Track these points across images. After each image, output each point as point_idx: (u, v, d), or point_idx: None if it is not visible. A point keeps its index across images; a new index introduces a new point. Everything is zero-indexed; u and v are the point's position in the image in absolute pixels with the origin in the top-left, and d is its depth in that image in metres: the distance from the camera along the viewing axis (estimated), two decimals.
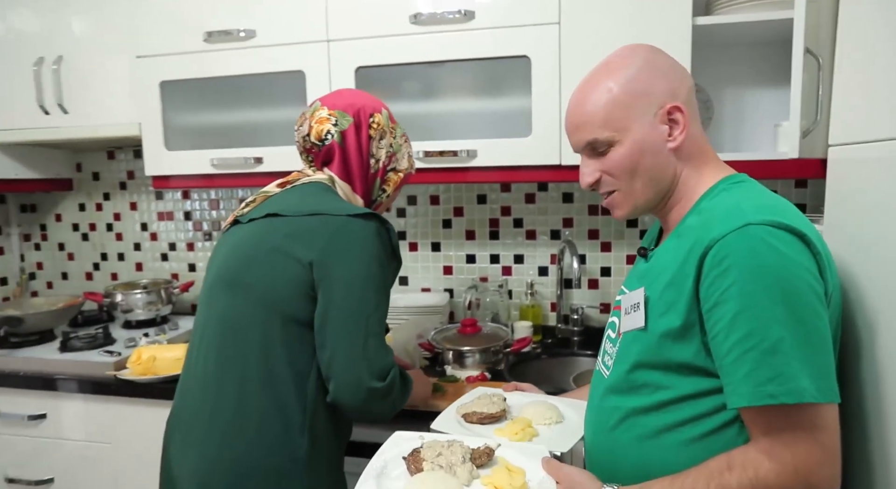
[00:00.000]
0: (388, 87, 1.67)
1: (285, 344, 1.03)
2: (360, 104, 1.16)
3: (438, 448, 0.92)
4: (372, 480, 0.88)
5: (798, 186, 1.74)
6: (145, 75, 1.76)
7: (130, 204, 2.28)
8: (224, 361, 1.05)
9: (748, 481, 0.72)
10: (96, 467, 1.68)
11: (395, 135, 1.20)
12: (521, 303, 1.93)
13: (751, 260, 0.72)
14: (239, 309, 1.05)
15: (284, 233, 1.05)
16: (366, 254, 1.03)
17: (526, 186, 1.92)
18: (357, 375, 1.00)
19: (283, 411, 1.02)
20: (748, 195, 0.82)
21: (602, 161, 0.89)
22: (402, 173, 1.22)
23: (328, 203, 1.08)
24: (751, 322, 0.72)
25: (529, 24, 1.50)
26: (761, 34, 1.52)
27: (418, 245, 2.03)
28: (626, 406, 0.87)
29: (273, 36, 1.66)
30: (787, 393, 0.70)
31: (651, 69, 0.86)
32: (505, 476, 0.86)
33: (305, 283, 1.03)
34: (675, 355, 0.81)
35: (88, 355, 1.73)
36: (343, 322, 1.01)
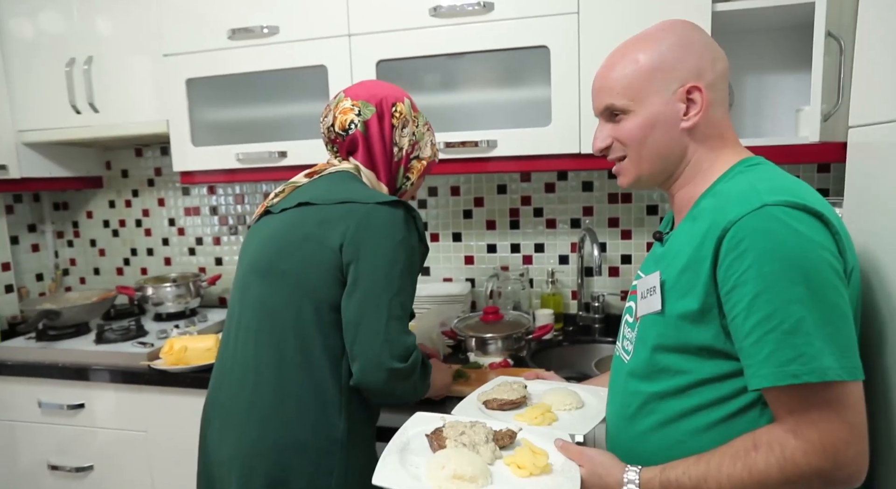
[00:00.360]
0: (408, 79, 1.69)
1: (319, 328, 1.06)
2: (382, 94, 1.19)
3: (461, 427, 0.94)
4: (395, 454, 0.91)
5: (820, 171, 1.73)
6: (171, 73, 1.81)
7: (158, 200, 2.33)
8: (262, 346, 1.08)
9: (775, 460, 0.72)
10: (133, 454, 1.74)
11: (417, 123, 1.22)
12: (542, 292, 1.95)
13: (768, 241, 0.72)
14: (274, 295, 1.08)
15: (316, 220, 1.09)
16: (392, 239, 1.06)
17: (546, 175, 1.94)
18: (379, 356, 1.03)
19: (320, 393, 1.06)
20: (763, 176, 0.82)
21: (615, 128, 0.91)
22: (425, 161, 1.24)
23: (356, 191, 1.11)
24: (771, 303, 0.71)
25: (548, 15, 1.51)
26: (781, 19, 1.51)
27: (440, 236, 2.05)
28: (646, 391, 0.88)
29: (295, 32, 1.69)
30: (810, 372, 0.70)
31: (683, 46, 0.87)
32: (529, 456, 0.87)
33: (336, 268, 1.06)
34: (693, 338, 0.81)
35: (122, 346, 1.79)
36: (366, 303, 1.04)
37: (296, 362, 1.06)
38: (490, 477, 0.85)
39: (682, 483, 0.77)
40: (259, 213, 1.21)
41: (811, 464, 0.71)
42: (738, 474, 0.74)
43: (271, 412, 1.06)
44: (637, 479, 0.81)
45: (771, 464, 0.72)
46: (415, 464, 0.89)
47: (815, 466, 0.71)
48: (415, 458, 0.91)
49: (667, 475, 0.79)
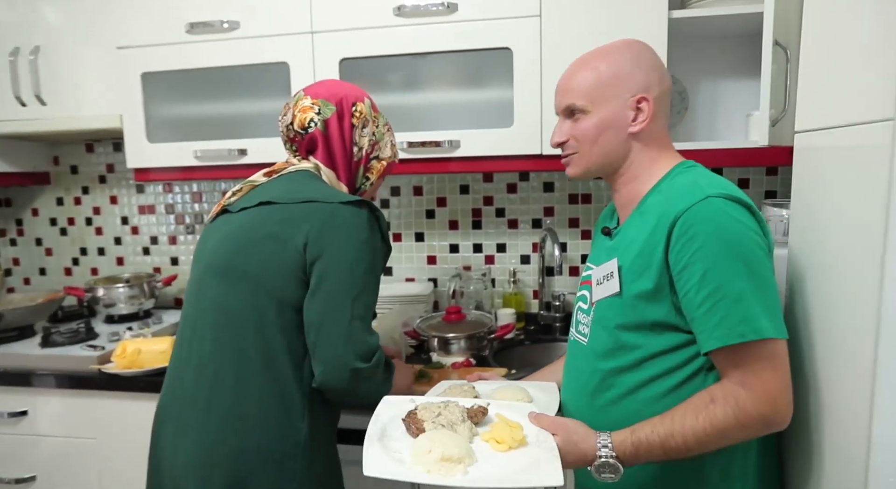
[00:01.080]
0: (372, 78, 1.69)
1: (282, 329, 1.04)
2: (342, 93, 1.18)
3: (435, 409, 0.95)
4: (376, 443, 0.90)
5: (769, 174, 1.81)
6: (126, 66, 1.75)
7: (110, 197, 2.25)
8: (220, 348, 1.05)
9: (731, 409, 0.83)
10: (80, 463, 1.67)
11: (377, 123, 1.22)
12: (503, 292, 1.97)
13: (712, 226, 0.85)
14: (234, 296, 1.06)
15: (278, 219, 1.07)
16: (356, 238, 1.05)
17: (508, 176, 1.96)
18: (342, 356, 1.02)
19: (283, 396, 1.03)
20: (702, 175, 0.95)
21: (573, 126, 1.01)
22: (385, 162, 1.24)
23: (319, 190, 1.09)
24: (719, 277, 0.84)
25: (511, 17, 1.53)
26: (733, 27, 1.57)
27: (402, 235, 2.05)
28: (605, 367, 0.97)
29: (257, 27, 1.66)
30: (753, 331, 0.83)
31: (637, 62, 0.99)
32: (506, 430, 0.89)
33: (299, 268, 1.04)
34: (648, 315, 0.92)
35: (71, 350, 1.71)
36: (330, 303, 1.03)
37: (258, 364, 1.03)
38: (474, 454, 0.86)
39: (651, 440, 0.86)
40: (215, 211, 1.18)
41: (758, 409, 0.83)
42: (701, 425, 0.84)
43: (230, 415, 1.03)
44: (610, 442, 0.87)
45: (728, 413, 0.83)
46: (397, 450, 0.89)
47: (761, 411, 0.83)
48: (395, 444, 0.90)
49: (637, 435, 0.87)
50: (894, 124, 0.68)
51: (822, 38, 0.95)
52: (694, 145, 1.52)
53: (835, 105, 0.88)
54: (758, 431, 0.86)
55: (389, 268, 2.07)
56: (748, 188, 1.82)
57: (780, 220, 1.24)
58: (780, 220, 1.24)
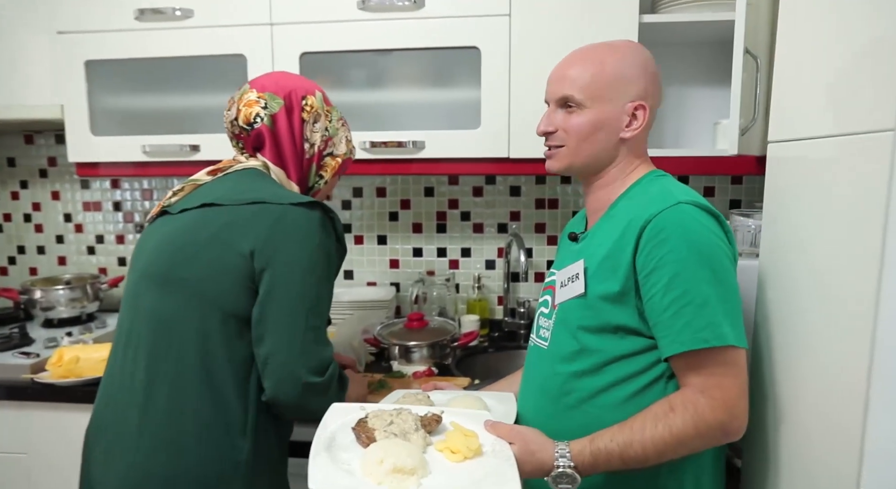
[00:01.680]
0: (334, 74, 1.62)
1: (225, 341, 0.97)
2: (291, 86, 1.11)
3: (387, 417, 0.89)
4: (323, 453, 0.83)
5: (734, 183, 1.81)
6: (68, 53, 1.64)
7: (52, 193, 2.11)
8: (156, 362, 0.98)
9: (690, 417, 0.83)
10: (9, 480, 1.55)
11: (330, 118, 1.14)
12: (468, 297, 1.92)
13: (682, 231, 0.85)
14: (172, 305, 0.98)
15: (222, 222, 0.99)
16: (309, 243, 0.99)
17: (474, 179, 1.91)
18: (294, 370, 0.96)
19: (223, 413, 0.96)
20: (673, 183, 0.96)
21: (566, 118, 0.98)
22: (339, 158, 1.16)
23: (267, 190, 1.02)
24: (686, 282, 0.84)
25: (480, 15, 1.49)
26: (703, 34, 1.56)
27: (364, 238, 1.98)
28: (565, 371, 0.95)
29: (212, 16, 1.57)
30: (716, 337, 0.83)
31: (642, 68, 0.97)
32: (461, 439, 0.85)
33: (245, 275, 0.97)
34: (612, 318, 0.91)
35: (1, 357, 1.58)
36: (282, 314, 0.96)
37: (196, 378, 0.96)
38: (427, 465, 0.82)
39: (610, 449, 0.84)
40: (155, 213, 1.09)
41: (717, 418, 0.83)
42: (661, 434, 0.83)
43: (164, 435, 0.95)
44: (568, 451, 0.85)
45: (687, 421, 0.83)
46: (346, 461, 0.83)
47: (720, 419, 0.83)
48: (344, 455, 0.84)
49: (596, 444, 0.85)
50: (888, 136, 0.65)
51: (797, 48, 0.93)
52: (661, 152, 1.50)
53: (811, 116, 0.86)
54: (716, 440, 0.85)
55: (350, 271, 2.00)
56: (713, 196, 1.82)
57: (747, 230, 1.23)
58: (748, 230, 1.22)
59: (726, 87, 1.23)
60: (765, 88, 1.26)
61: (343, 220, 1.98)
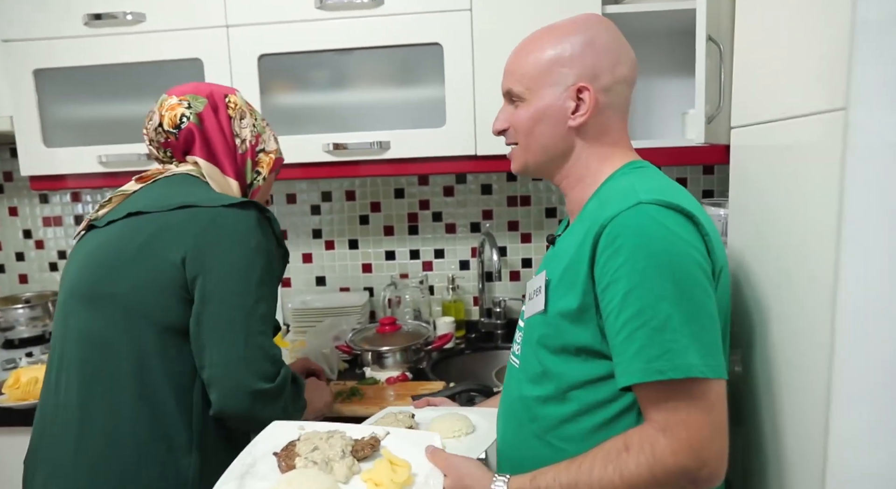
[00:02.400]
0: (294, 76, 1.58)
1: (161, 355, 0.92)
2: (210, 88, 1.09)
3: (315, 441, 0.83)
4: (234, 481, 0.78)
5: (706, 173, 1.80)
6: (15, 62, 1.57)
7: (9, 209, 2.04)
8: (89, 383, 0.93)
9: (645, 460, 0.70)
10: None
11: (255, 116, 1.12)
12: (443, 299, 1.88)
13: (640, 238, 0.72)
14: (101, 323, 0.94)
15: (150, 231, 0.94)
16: (244, 245, 0.94)
17: (444, 179, 1.88)
18: (239, 378, 0.91)
19: (164, 431, 0.92)
20: (643, 178, 0.82)
21: (512, 113, 0.90)
22: (272, 155, 1.13)
23: (198, 193, 0.98)
24: (641, 299, 0.71)
25: (441, 11, 1.46)
26: (668, 24, 1.55)
27: (335, 243, 1.94)
28: (530, 395, 0.86)
29: (165, 20, 1.53)
30: (675, 368, 0.69)
31: (586, 45, 0.85)
32: (387, 470, 0.78)
33: (178, 285, 0.92)
34: (572, 338, 0.79)
35: None
36: (220, 321, 0.92)
37: (132, 398, 0.91)
38: None
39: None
40: (82, 228, 1.04)
41: (678, 462, 0.70)
42: (609, 477, 0.72)
43: (102, 459, 0.91)
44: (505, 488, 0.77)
45: (641, 464, 0.70)
46: None
47: (682, 465, 0.70)
48: (259, 484, 0.79)
49: (536, 482, 0.76)
50: (837, 115, 0.63)
51: (755, 31, 0.91)
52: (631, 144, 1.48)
53: (770, 99, 0.84)
54: (682, 487, 0.72)
55: (322, 277, 1.95)
56: (686, 187, 1.80)
57: (718, 219, 1.21)
58: (719, 220, 1.20)
59: (693, 76, 1.21)
60: (729, 76, 1.24)
61: (313, 225, 1.94)
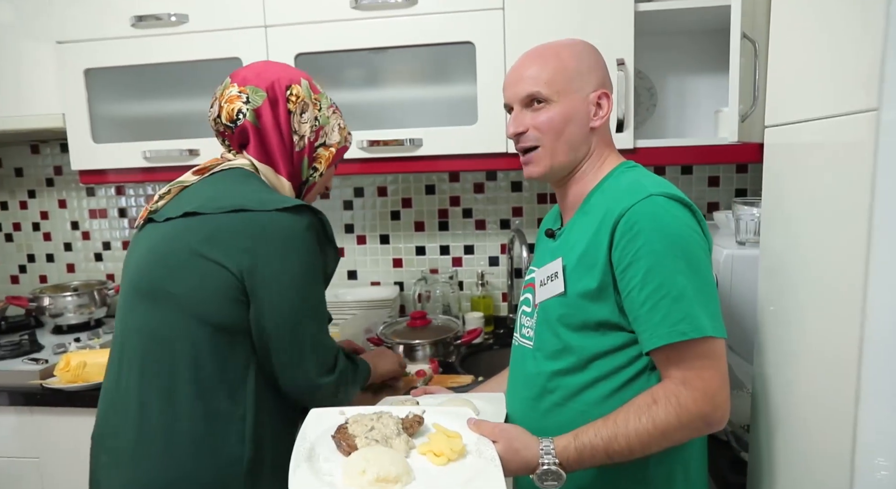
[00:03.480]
0: (329, 74, 1.62)
1: (215, 354, 0.95)
2: (274, 77, 1.04)
3: (368, 422, 0.87)
4: (304, 464, 0.81)
5: (739, 172, 1.78)
6: (68, 63, 1.65)
7: (59, 201, 2.14)
8: (148, 379, 0.96)
9: (673, 408, 0.82)
10: (23, 483, 1.57)
11: (319, 106, 1.07)
12: (471, 295, 1.91)
13: (656, 224, 0.85)
14: (161, 320, 0.96)
15: (204, 234, 0.95)
16: (297, 250, 0.95)
17: (474, 175, 1.90)
18: (305, 378, 0.97)
19: (217, 423, 0.95)
20: (644, 175, 0.95)
21: (535, 116, 0.95)
22: (333, 148, 1.10)
23: (250, 195, 0.97)
24: (661, 275, 0.83)
25: (473, 10, 1.48)
26: (701, 21, 1.54)
27: (367, 238, 1.98)
28: (549, 370, 0.95)
29: (207, 21, 1.58)
30: (694, 329, 0.82)
31: (595, 59, 0.99)
32: (444, 441, 0.83)
33: (235, 289, 0.94)
34: (593, 314, 0.90)
35: (11, 364, 1.62)
36: (281, 329, 0.95)
37: (188, 394, 0.94)
38: (412, 472, 0.79)
39: (594, 444, 0.84)
40: (141, 219, 1.04)
41: (699, 408, 0.82)
42: (644, 427, 0.83)
43: (161, 451, 0.94)
44: (553, 448, 0.84)
45: (670, 413, 0.82)
46: (328, 472, 0.80)
47: (702, 410, 0.83)
48: (325, 465, 0.82)
49: (580, 440, 0.84)
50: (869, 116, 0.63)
51: (790, 29, 0.91)
52: (663, 142, 1.48)
53: (804, 98, 0.84)
54: (698, 430, 0.85)
55: (353, 271, 2.00)
56: (718, 186, 1.79)
57: (751, 218, 1.20)
58: (752, 219, 1.20)
59: (726, 74, 1.21)
60: (763, 73, 1.23)
61: (345, 220, 1.98)
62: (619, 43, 1.42)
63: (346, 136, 1.14)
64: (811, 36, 0.83)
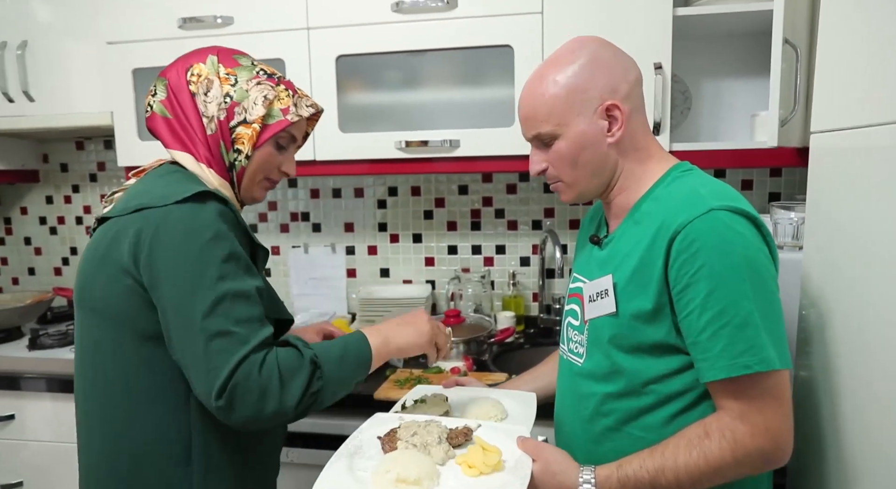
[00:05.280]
0: (369, 76, 1.66)
1: (146, 366, 0.89)
2: (179, 63, 0.97)
3: (415, 428, 0.92)
4: (344, 459, 0.88)
5: (773, 175, 1.78)
6: (117, 62, 1.71)
7: (101, 196, 2.21)
8: (87, 398, 0.93)
9: (728, 444, 0.77)
10: (68, 468, 1.60)
11: (233, 81, 0.95)
12: (503, 294, 1.93)
13: (718, 243, 0.78)
14: (91, 332, 0.92)
15: (109, 237, 0.89)
16: (195, 242, 0.85)
17: (507, 177, 1.93)
18: (206, 390, 0.83)
19: (160, 444, 0.90)
20: (702, 182, 0.87)
21: (547, 152, 0.92)
22: (256, 124, 0.94)
23: (158, 190, 0.89)
24: (723, 300, 0.77)
25: (512, 14, 1.50)
26: (738, 25, 1.54)
27: (399, 237, 2.01)
28: (602, 391, 0.91)
29: (251, 23, 1.63)
30: (759, 362, 0.76)
31: (593, 65, 0.89)
32: (479, 454, 0.85)
33: (142, 293, 0.87)
34: (648, 336, 0.85)
35: (59, 352, 1.68)
36: (180, 329, 0.84)
37: (124, 411, 0.90)
38: (437, 478, 0.83)
39: (640, 477, 0.80)
40: (94, 225, 0.99)
41: (757, 444, 0.77)
42: (695, 462, 0.78)
43: (105, 473, 0.91)
44: (593, 479, 0.81)
45: (724, 448, 0.77)
46: (363, 468, 0.87)
47: (761, 447, 0.77)
48: (365, 462, 0.88)
49: (624, 471, 0.81)
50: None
51: (838, 36, 0.92)
52: (697, 146, 1.49)
53: (850, 105, 0.85)
54: (756, 468, 0.80)
55: (386, 269, 2.04)
56: (752, 190, 1.80)
57: (789, 222, 1.21)
58: (790, 223, 1.21)
59: (762, 78, 1.22)
60: (805, 79, 1.24)
61: (378, 218, 2.02)
62: (656, 47, 1.43)
63: (287, 109, 0.97)
64: (858, 43, 0.84)
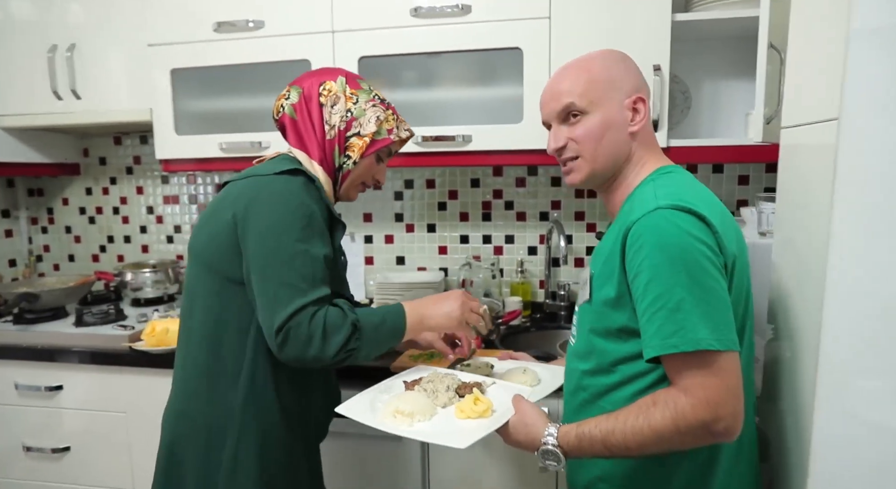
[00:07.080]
0: (389, 76, 1.78)
1: (225, 303, 1.09)
2: (314, 77, 1.19)
3: (434, 378, 1.11)
4: (374, 392, 1.11)
5: (768, 171, 1.88)
6: (156, 63, 1.85)
7: (137, 188, 2.36)
8: (184, 323, 1.17)
9: (669, 412, 0.85)
10: (112, 435, 1.77)
11: (355, 100, 1.17)
12: (511, 281, 2.05)
13: (656, 237, 0.86)
14: (192, 274, 1.15)
15: (222, 197, 1.13)
16: (285, 205, 1.05)
17: (517, 170, 2.05)
18: (269, 325, 1.02)
19: (218, 366, 1.11)
20: (664, 184, 0.95)
21: (572, 129, 0.99)
22: (367, 138, 1.16)
23: (266, 167, 1.12)
24: (658, 287, 0.85)
25: (522, 18, 1.62)
26: (734, 30, 1.65)
27: (415, 226, 2.14)
28: (580, 369, 1.02)
29: (280, 26, 1.76)
30: (686, 342, 0.83)
31: (624, 65, 1.01)
32: (470, 403, 1.04)
33: (234, 242, 1.07)
34: (614, 321, 0.94)
35: (103, 329, 1.81)
36: (257, 273, 1.04)
37: (201, 338, 1.12)
38: (430, 415, 1.03)
39: (593, 435, 0.90)
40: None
41: (697, 416, 0.83)
42: (640, 425, 0.86)
43: (183, 384, 1.16)
44: (556, 432, 0.93)
45: (666, 416, 0.84)
46: (382, 401, 1.09)
47: (700, 418, 0.83)
48: (386, 397, 1.10)
49: (581, 428, 0.92)
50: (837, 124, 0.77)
51: (801, 39, 1.02)
52: (695, 142, 1.60)
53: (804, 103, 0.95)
54: (701, 438, 0.85)
55: (402, 257, 2.16)
56: (748, 185, 1.90)
57: (771, 211, 1.32)
58: (772, 212, 1.31)
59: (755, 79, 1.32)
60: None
61: (395, 209, 2.15)
62: (656, 50, 1.54)
63: (392, 130, 1.19)
64: (809, 48, 0.95)
